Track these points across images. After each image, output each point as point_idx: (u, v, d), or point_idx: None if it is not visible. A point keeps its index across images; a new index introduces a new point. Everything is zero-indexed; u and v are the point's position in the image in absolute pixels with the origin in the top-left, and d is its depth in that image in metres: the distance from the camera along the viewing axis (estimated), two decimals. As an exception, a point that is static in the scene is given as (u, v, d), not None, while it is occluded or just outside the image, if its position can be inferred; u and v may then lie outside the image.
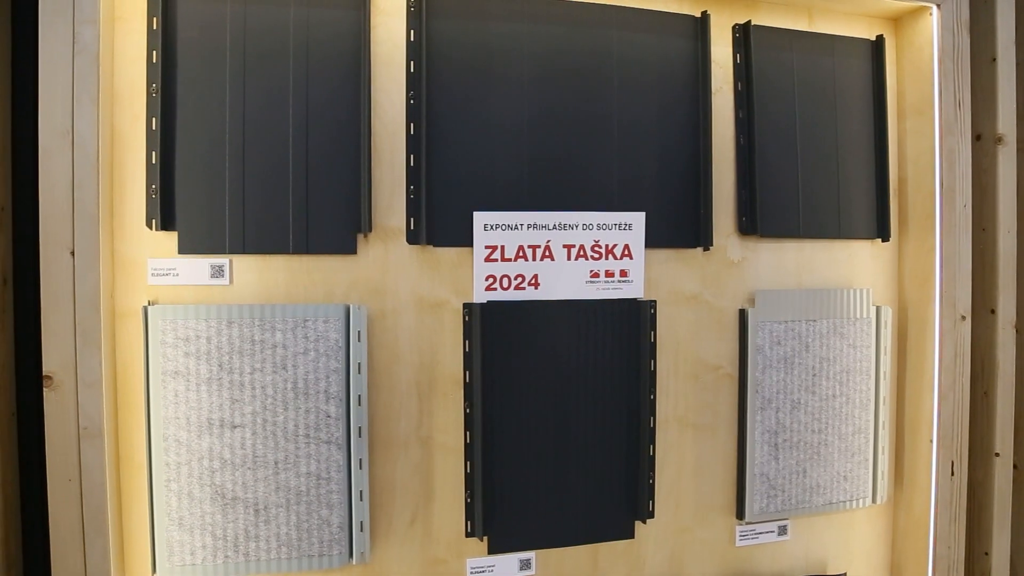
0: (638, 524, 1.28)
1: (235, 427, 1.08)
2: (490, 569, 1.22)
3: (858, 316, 1.36)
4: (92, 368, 0.98)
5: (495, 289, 1.19)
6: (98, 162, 0.98)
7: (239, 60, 1.09)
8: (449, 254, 1.19)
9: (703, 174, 1.28)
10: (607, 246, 1.23)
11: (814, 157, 1.34)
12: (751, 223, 1.31)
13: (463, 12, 1.18)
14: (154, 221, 1.06)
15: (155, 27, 1.05)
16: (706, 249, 1.29)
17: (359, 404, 1.12)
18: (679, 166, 1.27)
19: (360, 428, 1.13)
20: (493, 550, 1.21)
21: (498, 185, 1.19)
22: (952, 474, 1.33)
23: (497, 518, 1.20)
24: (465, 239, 1.18)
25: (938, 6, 1.32)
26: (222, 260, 1.10)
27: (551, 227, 1.21)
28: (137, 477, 1.07)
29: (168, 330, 1.06)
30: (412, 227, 1.16)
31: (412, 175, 1.16)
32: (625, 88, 1.25)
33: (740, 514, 1.33)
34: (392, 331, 1.17)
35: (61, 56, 0.96)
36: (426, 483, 1.19)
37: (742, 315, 1.32)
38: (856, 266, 1.39)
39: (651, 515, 1.27)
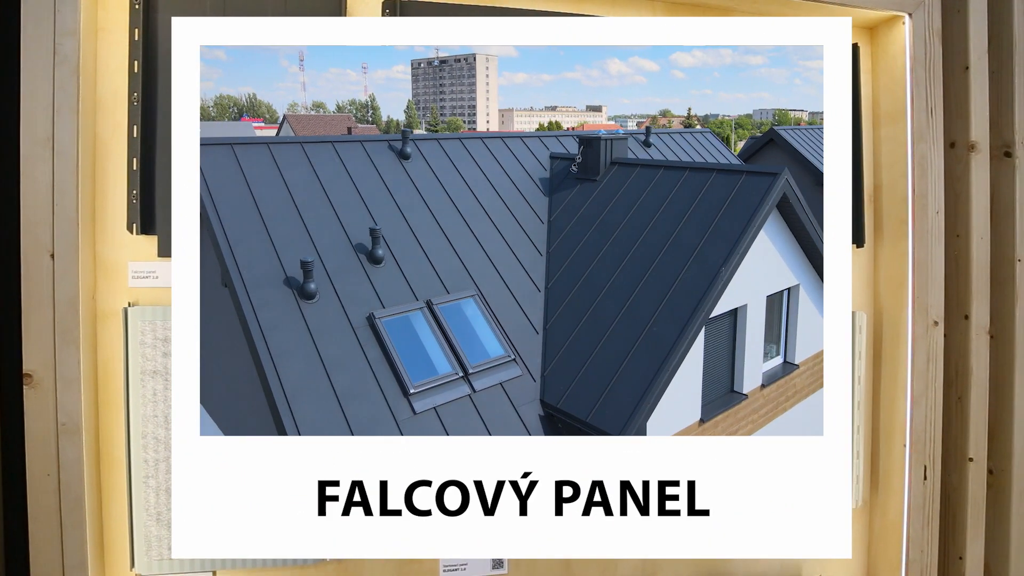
0: (610, 525, 1.29)
1: (212, 425, 1.12)
2: (463, 567, 1.24)
3: (832, 321, 1.38)
4: (71, 366, 1.02)
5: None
6: (78, 168, 1.02)
7: (218, 70, 1.13)
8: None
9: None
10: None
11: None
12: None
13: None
14: (135, 225, 1.09)
15: (137, 38, 1.09)
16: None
17: (333, 404, 1.15)
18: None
19: (334, 428, 1.15)
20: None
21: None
22: (924, 479, 1.33)
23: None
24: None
25: (910, 15, 1.33)
26: (201, 263, 1.13)
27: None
28: (116, 473, 1.11)
29: (147, 331, 1.09)
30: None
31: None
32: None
33: (713, 516, 1.34)
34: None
35: (42, 67, 0.99)
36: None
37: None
38: (830, 272, 1.40)
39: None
